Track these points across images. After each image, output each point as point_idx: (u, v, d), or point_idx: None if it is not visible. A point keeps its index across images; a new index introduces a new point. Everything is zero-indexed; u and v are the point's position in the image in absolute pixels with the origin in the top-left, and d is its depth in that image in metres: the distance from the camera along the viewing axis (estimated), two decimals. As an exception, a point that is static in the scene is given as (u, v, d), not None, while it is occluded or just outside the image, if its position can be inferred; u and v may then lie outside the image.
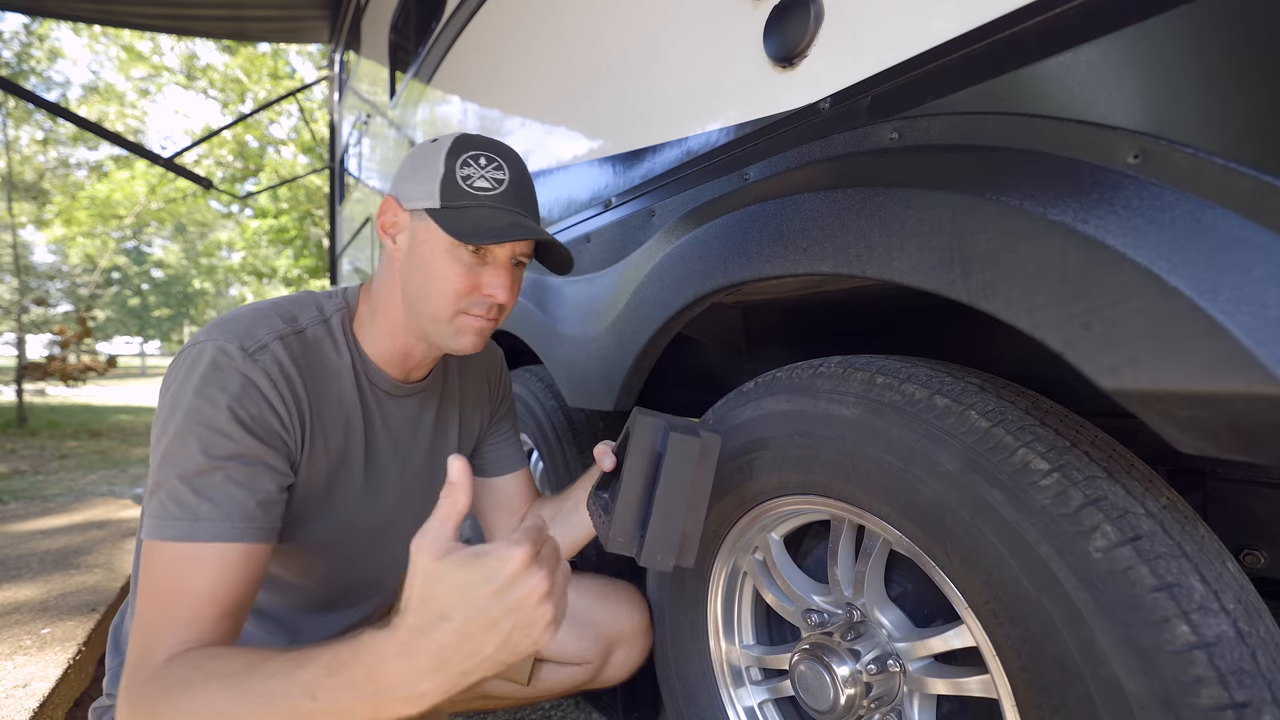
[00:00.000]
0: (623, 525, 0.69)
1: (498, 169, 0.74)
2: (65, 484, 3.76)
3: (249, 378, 0.67)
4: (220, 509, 0.64)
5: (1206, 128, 0.42)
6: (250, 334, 0.70)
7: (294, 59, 13.47)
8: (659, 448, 0.70)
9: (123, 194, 14.32)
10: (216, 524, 0.64)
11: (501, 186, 0.74)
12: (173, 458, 0.64)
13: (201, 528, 0.63)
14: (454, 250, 0.73)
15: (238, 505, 0.65)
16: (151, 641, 0.61)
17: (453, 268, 0.74)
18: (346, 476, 0.81)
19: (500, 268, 0.76)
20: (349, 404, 0.79)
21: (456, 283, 0.74)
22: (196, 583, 0.63)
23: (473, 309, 0.76)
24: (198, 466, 0.64)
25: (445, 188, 0.73)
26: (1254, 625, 0.48)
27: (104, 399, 11.35)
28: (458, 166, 0.73)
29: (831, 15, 0.69)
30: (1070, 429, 0.56)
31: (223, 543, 0.64)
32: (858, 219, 0.61)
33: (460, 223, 0.71)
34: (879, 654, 0.71)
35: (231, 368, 0.67)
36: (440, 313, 0.75)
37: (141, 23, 4.83)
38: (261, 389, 0.68)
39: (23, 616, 1.34)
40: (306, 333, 0.76)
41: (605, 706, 1.26)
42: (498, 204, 0.73)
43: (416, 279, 0.76)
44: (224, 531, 0.64)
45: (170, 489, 0.64)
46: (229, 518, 0.64)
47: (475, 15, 1.68)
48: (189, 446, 0.64)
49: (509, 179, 0.75)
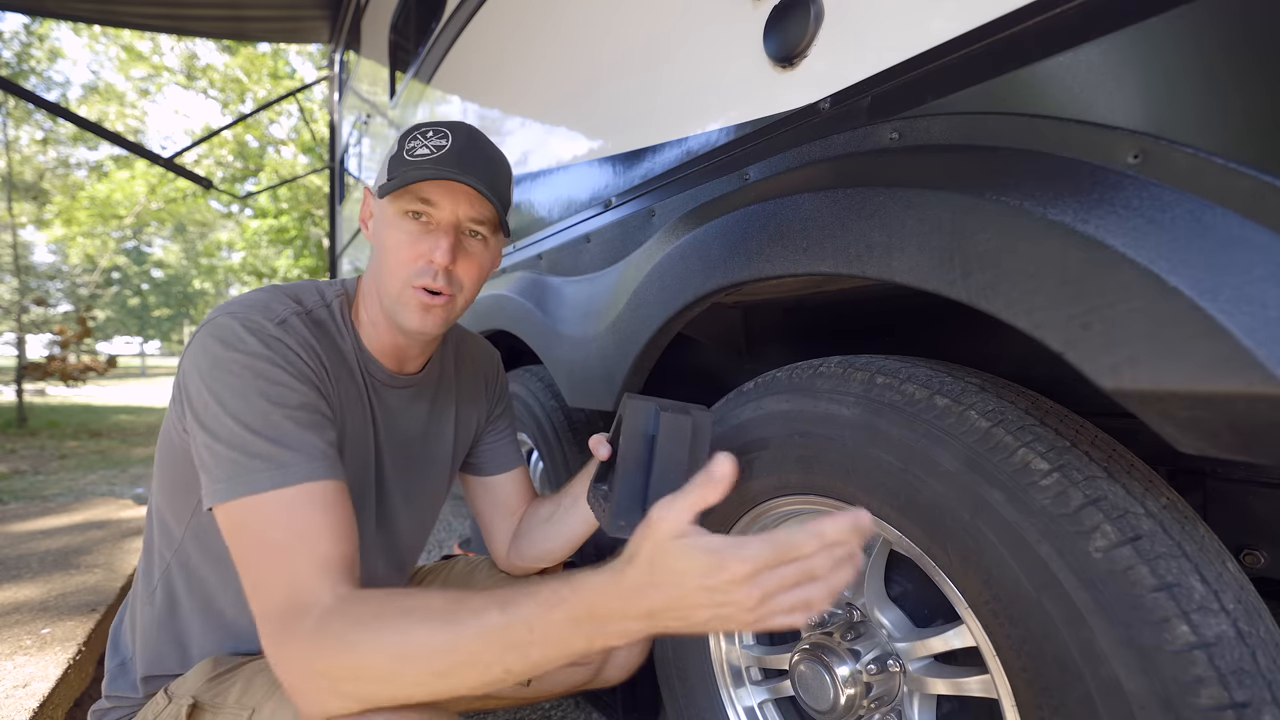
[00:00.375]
0: (622, 508, 0.70)
1: (441, 138, 0.74)
2: (65, 484, 3.76)
3: (285, 342, 0.69)
4: (301, 453, 0.65)
5: (1206, 128, 0.42)
6: (269, 309, 0.72)
7: (294, 59, 13.48)
8: (651, 430, 0.70)
9: (123, 194, 14.32)
10: (305, 465, 0.64)
11: (440, 151, 0.73)
12: (236, 414, 0.64)
13: (292, 471, 0.64)
14: (398, 221, 0.74)
15: (315, 446, 0.66)
16: (295, 593, 0.60)
17: (396, 237, 0.74)
18: (358, 459, 0.81)
19: (440, 232, 0.75)
20: (357, 387, 0.80)
21: (400, 251, 0.74)
22: (308, 524, 0.62)
23: (419, 279, 0.74)
24: (267, 417, 0.65)
25: (392, 164, 0.74)
26: (1254, 625, 0.48)
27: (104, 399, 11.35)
28: (405, 141, 0.75)
29: (831, 15, 0.69)
30: (1070, 429, 0.56)
31: (317, 481, 0.64)
32: (858, 219, 0.61)
33: (389, 183, 0.72)
34: (879, 654, 0.71)
35: (266, 332, 0.69)
36: (390, 285, 0.75)
37: (141, 23, 4.83)
38: (298, 350, 0.70)
39: (23, 616, 1.34)
40: (313, 313, 0.77)
41: (605, 706, 1.26)
42: (431, 165, 0.72)
43: (375, 258, 0.78)
44: (315, 470, 0.65)
45: (241, 444, 0.64)
46: (313, 458, 0.65)
47: (475, 15, 1.68)
48: (251, 400, 0.65)
49: (450, 145, 0.74)
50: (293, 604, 0.59)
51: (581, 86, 1.21)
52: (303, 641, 0.57)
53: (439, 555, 2.08)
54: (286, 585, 0.60)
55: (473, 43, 1.72)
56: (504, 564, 1.03)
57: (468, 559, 1.12)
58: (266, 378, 0.66)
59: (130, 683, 0.80)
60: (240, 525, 0.63)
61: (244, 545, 0.63)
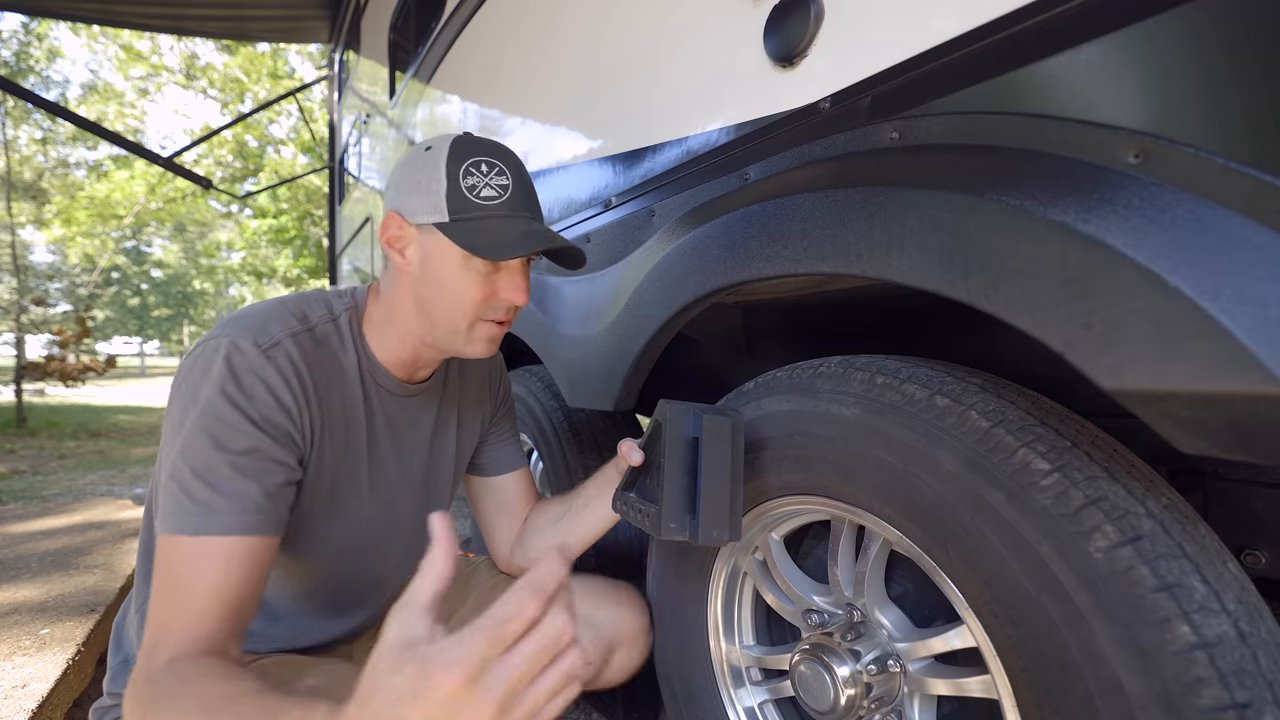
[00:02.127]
0: (673, 512, 0.72)
1: (500, 174, 0.74)
2: (64, 484, 3.75)
3: (261, 376, 0.69)
4: (233, 502, 0.65)
5: (1206, 127, 0.42)
6: (264, 330, 0.71)
7: (294, 59, 13.47)
8: (694, 432, 0.74)
9: (122, 194, 14.29)
10: (229, 517, 0.65)
11: (507, 193, 0.74)
12: (187, 452, 0.66)
13: (215, 521, 0.65)
14: (468, 262, 0.74)
15: (249, 498, 0.66)
16: (160, 635, 0.62)
17: (469, 279, 0.75)
18: (350, 474, 0.81)
19: (516, 274, 0.77)
20: (354, 402, 0.80)
21: (474, 293, 0.75)
22: (206, 576, 0.64)
23: (489, 315, 0.77)
24: (210, 461, 0.65)
25: (452, 201, 0.72)
26: (1255, 625, 0.48)
27: (103, 399, 11.33)
28: (461, 176, 0.73)
29: (831, 15, 0.69)
30: (1071, 429, 0.56)
31: (234, 536, 0.65)
32: (858, 219, 0.61)
33: (474, 237, 0.71)
34: (879, 654, 0.71)
35: (245, 365, 0.68)
36: (459, 323, 0.77)
37: (141, 23, 4.82)
38: (273, 387, 0.69)
39: (22, 617, 1.34)
40: (316, 330, 0.77)
41: (605, 707, 1.26)
42: (507, 211, 0.74)
43: (431, 292, 0.76)
44: (235, 525, 0.65)
45: (184, 483, 0.65)
46: (243, 510, 0.66)
47: (475, 15, 1.68)
48: (202, 442, 0.66)
49: (512, 183, 0.75)
50: (150, 647, 0.62)
51: (581, 86, 1.21)
52: (133, 688, 0.60)
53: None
54: (157, 628, 0.63)
55: (473, 42, 1.72)
56: (505, 564, 1.03)
57: (468, 559, 1.12)
58: (223, 420, 0.66)
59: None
60: (160, 556, 0.66)
61: (155, 576, 0.65)
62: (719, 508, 0.72)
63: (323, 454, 0.77)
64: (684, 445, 0.73)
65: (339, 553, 0.84)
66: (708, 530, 0.71)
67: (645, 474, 0.80)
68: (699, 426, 0.73)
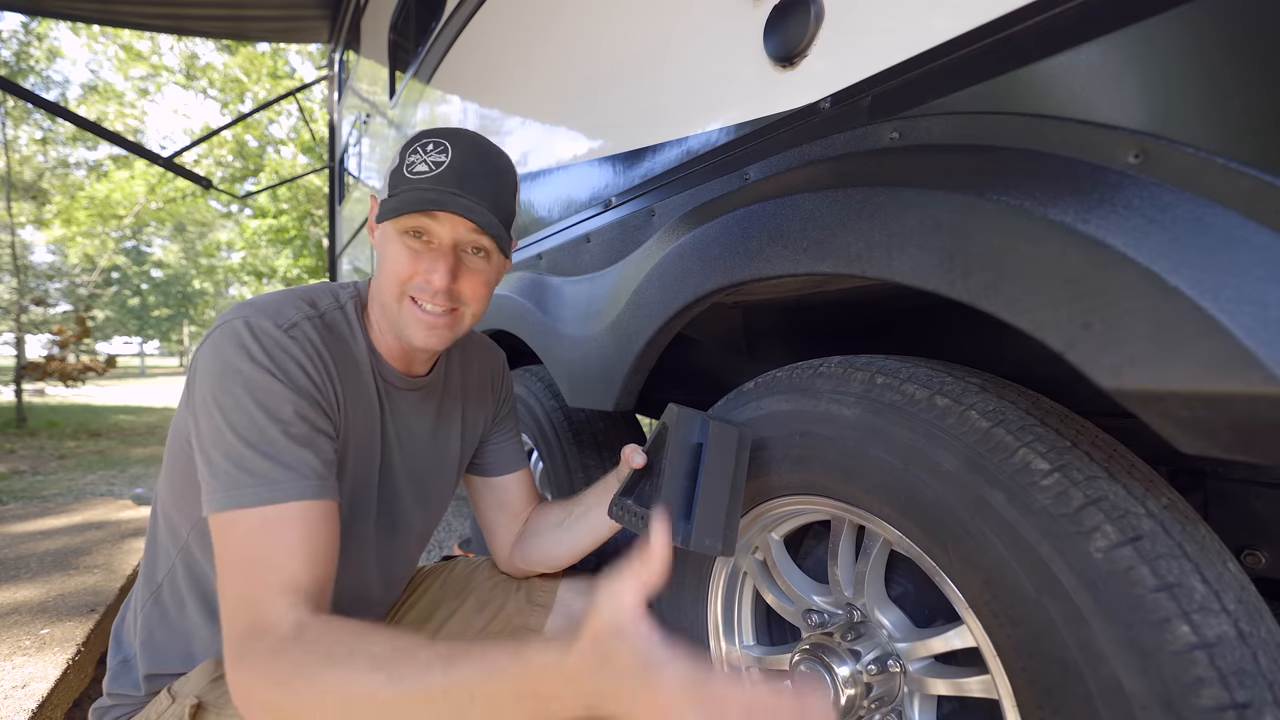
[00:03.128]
0: (668, 514, 0.71)
1: (441, 152, 0.74)
2: (64, 484, 3.76)
3: (288, 351, 0.69)
4: (293, 470, 0.65)
5: (1206, 127, 0.42)
6: (281, 313, 0.72)
7: (294, 59, 13.47)
8: (699, 438, 0.73)
9: (122, 194, 14.30)
10: (295, 483, 0.65)
11: (439, 169, 0.73)
12: (234, 426, 0.65)
13: (281, 489, 0.64)
14: (400, 237, 0.75)
15: (309, 465, 0.66)
16: (258, 612, 0.60)
17: (396, 252, 0.75)
18: (364, 463, 0.81)
19: (439, 253, 0.75)
20: (368, 389, 0.80)
21: (398, 267, 0.75)
22: (287, 544, 0.63)
23: (418, 295, 0.75)
24: (264, 432, 0.65)
25: (393, 178, 0.75)
26: (1255, 625, 0.48)
27: (103, 399, 11.34)
28: (406, 155, 0.75)
29: (831, 15, 0.69)
30: (1071, 429, 0.56)
31: (305, 500, 0.64)
32: (858, 219, 0.61)
33: (388, 207, 0.73)
34: (879, 654, 0.71)
35: (271, 342, 0.69)
36: (388, 298, 0.77)
37: (141, 23, 4.83)
38: (301, 361, 0.70)
39: (22, 617, 1.34)
40: (326, 316, 0.77)
41: (605, 707, 1.26)
42: (430, 185, 0.72)
43: (377, 268, 0.79)
44: (305, 490, 0.65)
45: (236, 458, 0.64)
46: (305, 476, 0.65)
47: (475, 15, 1.68)
48: (251, 414, 0.65)
49: (450, 161, 0.73)
50: (254, 625, 0.59)
51: (581, 86, 1.21)
52: (253, 672, 0.57)
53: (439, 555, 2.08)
54: (251, 604, 0.60)
55: (473, 42, 1.72)
56: (505, 565, 1.03)
57: (468, 559, 1.12)
58: (266, 390, 0.66)
59: (132, 680, 0.80)
60: (224, 537, 0.64)
61: (224, 558, 0.64)
62: (714, 516, 0.71)
63: (347, 437, 0.77)
64: (687, 449, 0.73)
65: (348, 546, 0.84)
66: (700, 537, 0.70)
67: (645, 479, 0.80)
68: (705, 432, 0.73)
